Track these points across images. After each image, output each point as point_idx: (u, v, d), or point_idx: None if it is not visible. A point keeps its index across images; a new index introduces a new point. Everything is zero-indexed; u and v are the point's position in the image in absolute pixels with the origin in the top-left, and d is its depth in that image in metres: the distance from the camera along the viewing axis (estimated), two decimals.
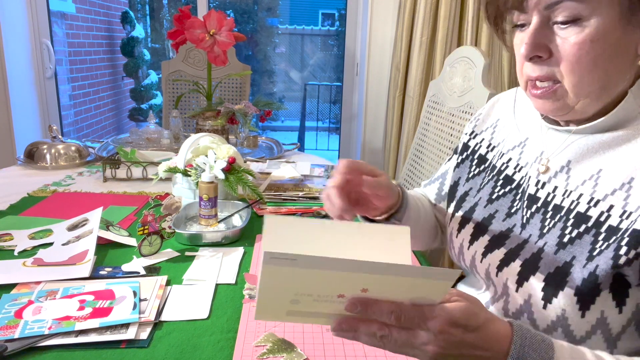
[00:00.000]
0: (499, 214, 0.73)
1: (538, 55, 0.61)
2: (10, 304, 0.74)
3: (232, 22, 1.63)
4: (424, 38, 2.20)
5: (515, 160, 0.75)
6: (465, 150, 0.87)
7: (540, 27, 0.60)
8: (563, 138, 0.68)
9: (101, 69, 4.48)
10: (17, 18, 2.44)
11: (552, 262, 0.62)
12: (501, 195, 0.74)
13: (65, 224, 1.05)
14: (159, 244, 0.94)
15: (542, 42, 0.60)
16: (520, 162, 0.74)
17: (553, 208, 0.66)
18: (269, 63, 5.34)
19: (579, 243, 0.61)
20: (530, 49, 0.61)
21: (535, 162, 0.71)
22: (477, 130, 0.87)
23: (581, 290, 0.59)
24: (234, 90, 2.45)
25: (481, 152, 0.83)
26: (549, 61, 0.61)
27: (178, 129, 1.80)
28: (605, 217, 0.59)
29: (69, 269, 0.85)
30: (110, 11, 4.77)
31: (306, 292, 0.47)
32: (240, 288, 0.83)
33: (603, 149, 0.63)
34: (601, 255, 0.58)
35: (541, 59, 0.61)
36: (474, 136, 0.87)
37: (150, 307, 0.75)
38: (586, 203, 0.62)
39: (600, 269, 0.57)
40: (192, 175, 1.16)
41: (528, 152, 0.74)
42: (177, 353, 0.66)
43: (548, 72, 0.62)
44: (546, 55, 0.61)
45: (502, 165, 0.77)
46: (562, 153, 0.67)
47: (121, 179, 1.43)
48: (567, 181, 0.65)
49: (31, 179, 1.42)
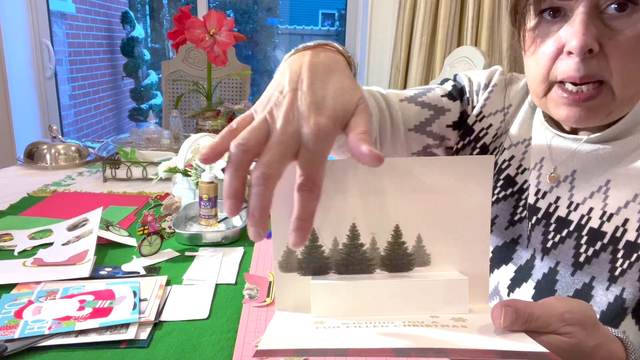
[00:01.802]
0: (499, 219, 0.67)
1: (590, 50, 0.51)
2: (10, 304, 0.74)
3: (232, 22, 1.63)
4: (424, 38, 2.20)
5: (518, 160, 0.68)
6: (468, 135, 0.74)
7: (591, 16, 0.51)
8: (568, 146, 0.61)
9: (101, 69, 4.48)
10: (17, 18, 2.44)
11: (569, 284, 0.58)
12: (502, 198, 0.68)
13: (65, 224, 1.05)
14: (159, 244, 0.94)
15: (594, 33, 0.51)
16: (524, 164, 0.67)
17: (557, 221, 0.61)
18: (269, 63, 5.34)
19: (596, 262, 0.56)
20: (586, 40, 0.50)
21: (535, 168, 0.65)
22: (485, 112, 0.73)
23: (606, 316, 0.55)
24: (234, 90, 2.45)
25: (485, 142, 0.72)
26: (597, 57, 0.52)
27: (178, 129, 1.80)
28: (621, 233, 0.55)
29: (69, 269, 0.85)
30: (110, 11, 4.77)
31: None
32: (240, 288, 0.83)
33: (612, 159, 0.58)
34: (625, 276, 0.54)
35: (591, 54, 0.52)
36: (480, 118, 0.73)
37: (150, 307, 0.75)
38: (598, 218, 0.57)
39: (627, 292, 0.53)
40: (192, 175, 1.16)
41: (530, 155, 0.67)
42: (177, 353, 0.66)
43: (595, 70, 0.52)
44: (597, 49, 0.51)
45: (503, 162, 0.69)
46: (567, 162, 0.61)
47: (121, 179, 1.43)
48: (572, 192, 0.61)
49: (31, 179, 1.42)
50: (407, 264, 0.46)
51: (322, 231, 0.46)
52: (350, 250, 0.46)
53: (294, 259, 0.46)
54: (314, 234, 0.46)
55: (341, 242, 0.46)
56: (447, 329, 0.40)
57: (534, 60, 0.57)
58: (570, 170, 0.61)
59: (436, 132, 0.74)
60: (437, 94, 0.75)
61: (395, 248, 0.46)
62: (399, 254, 0.46)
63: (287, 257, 0.46)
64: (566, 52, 0.53)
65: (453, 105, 0.74)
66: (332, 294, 0.45)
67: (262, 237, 0.39)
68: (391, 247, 0.46)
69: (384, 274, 0.46)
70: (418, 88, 0.77)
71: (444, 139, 0.75)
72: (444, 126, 0.73)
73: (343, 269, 0.46)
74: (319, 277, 0.46)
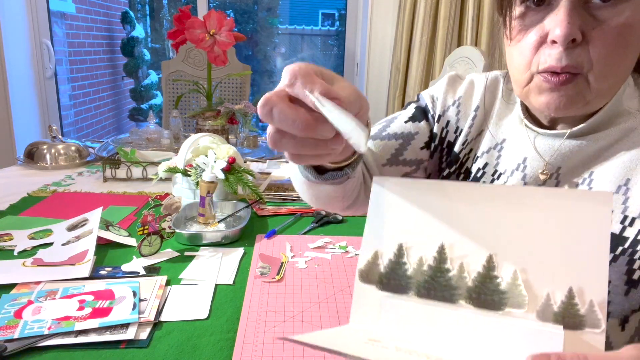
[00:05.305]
0: None
1: (573, 39, 0.51)
2: (10, 304, 0.74)
3: (232, 22, 1.63)
4: (424, 38, 2.20)
5: (492, 167, 0.66)
6: (440, 144, 0.73)
7: (576, 5, 0.51)
8: (550, 143, 0.61)
9: (101, 69, 4.48)
10: (17, 18, 2.44)
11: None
12: None
13: (65, 224, 1.05)
14: (158, 244, 0.94)
15: (578, 23, 0.50)
16: (499, 169, 0.66)
17: None
18: (269, 63, 5.34)
19: None
20: (571, 29, 0.50)
21: (518, 169, 0.64)
22: (440, 111, 0.73)
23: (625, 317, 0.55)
24: (234, 90, 2.45)
25: (455, 150, 0.71)
26: (580, 47, 0.51)
27: (178, 129, 1.80)
28: None
29: (69, 269, 0.85)
30: (110, 11, 4.77)
31: None
32: (239, 288, 0.83)
33: (594, 152, 0.58)
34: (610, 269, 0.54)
35: (574, 44, 0.51)
36: (438, 119, 0.73)
37: (150, 307, 0.75)
38: None
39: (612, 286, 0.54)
40: (192, 175, 1.16)
41: (507, 158, 0.65)
42: (177, 353, 0.66)
43: (577, 60, 0.51)
44: (580, 38, 0.51)
45: (477, 171, 0.68)
46: (552, 160, 0.60)
47: (121, 179, 1.43)
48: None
49: (31, 179, 1.42)
50: (497, 302, 0.40)
51: (410, 249, 0.43)
52: (435, 274, 0.42)
53: (376, 272, 0.44)
54: (401, 250, 0.44)
55: (427, 264, 0.43)
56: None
57: (517, 49, 0.57)
58: (555, 167, 0.61)
59: (411, 159, 0.73)
60: (401, 120, 0.74)
61: (486, 281, 0.41)
62: (489, 288, 0.41)
63: (369, 268, 0.44)
64: (550, 41, 0.52)
65: (420, 126, 0.73)
66: (403, 316, 0.42)
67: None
68: (481, 279, 0.41)
69: (469, 307, 0.41)
70: (380, 122, 0.77)
71: (422, 162, 0.74)
72: (418, 149, 0.73)
73: (424, 292, 0.42)
74: (397, 295, 0.43)
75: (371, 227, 0.44)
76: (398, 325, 0.42)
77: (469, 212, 0.41)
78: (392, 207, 0.44)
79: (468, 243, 0.42)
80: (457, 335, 0.40)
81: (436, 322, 0.41)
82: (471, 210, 0.41)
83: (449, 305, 0.42)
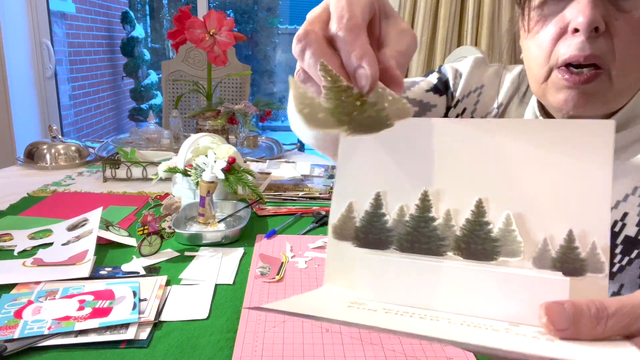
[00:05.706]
0: None
1: (596, 28, 0.49)
2: (9, 304, 0.74)
3: (232, 22, 1.63)
4: (424, 38, 2.20)
5: None
6: None
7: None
8: None
9: (101, 69, 4.48)
10: (17, 18, 2.44)
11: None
12: None
13: (65, 224, 1.05)
14: (158, 244, 0.94)
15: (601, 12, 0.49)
16: None
17: None
18: (269, 63, 5.34)
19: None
20: (595, 16, 0.48)
21: None
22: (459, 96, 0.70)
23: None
24: (234, 90, 2.45)
25: None
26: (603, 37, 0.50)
27: (178, 129, 1.80)
28: (620, 227, 0.53)
29: (69, 269, 0.85)
30: (110, 11, 4.77)
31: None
32: (239, 288, 0.83)
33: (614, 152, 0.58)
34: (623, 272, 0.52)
35: (597, 33, 0.49)
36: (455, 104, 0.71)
37: (150, 307, 0.75)
38: None
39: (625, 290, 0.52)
40: (192, 175, 1.16)
41: None
42: (177, 353, 0.66)
43: (601, 50, 0.50)
44: (603, 28, 0.49)
45: None
46: None
47: (121, 179, 1.43)
48: None
49: (31, 179, 1.42)
50: (489, 252, 0.35)
51: (388, 196, 0.38)
52: (418, 224, 0.37)
53: (351, 226, 0.39)
54: (379, 199, 0.38)
55: (408, 213, 0.37)
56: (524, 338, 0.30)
57: (535, 41, 0.55)
58: None
59: None
60: (422, 88, 0.71)
61: (476, 228, 0.36)
62: (479, 236, 0.36)
63: (344, 222, 0.39)
64: (572, 29, 0.50)
65: (439, 100, 0.71)
66: (385, 274, 0.37)
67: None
68: (470, 226, 0.36)
69: (457, 259, 0.36)
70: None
71: None
72: None
73: (407, 245, 0.37)
74: (376, 251, 0.38)
75: (343, 175, 0.39)
76: (380, 285, 0.37)
77: (455, 152, 0.36)
78: (367, 151, 0.38)
79: (455, 187, 0.37)
80: (448, 291, 0.35)
81: (423, 279, 0.36)
82: (457, 149, 0.36)
83: (435, 259, 0.37)
